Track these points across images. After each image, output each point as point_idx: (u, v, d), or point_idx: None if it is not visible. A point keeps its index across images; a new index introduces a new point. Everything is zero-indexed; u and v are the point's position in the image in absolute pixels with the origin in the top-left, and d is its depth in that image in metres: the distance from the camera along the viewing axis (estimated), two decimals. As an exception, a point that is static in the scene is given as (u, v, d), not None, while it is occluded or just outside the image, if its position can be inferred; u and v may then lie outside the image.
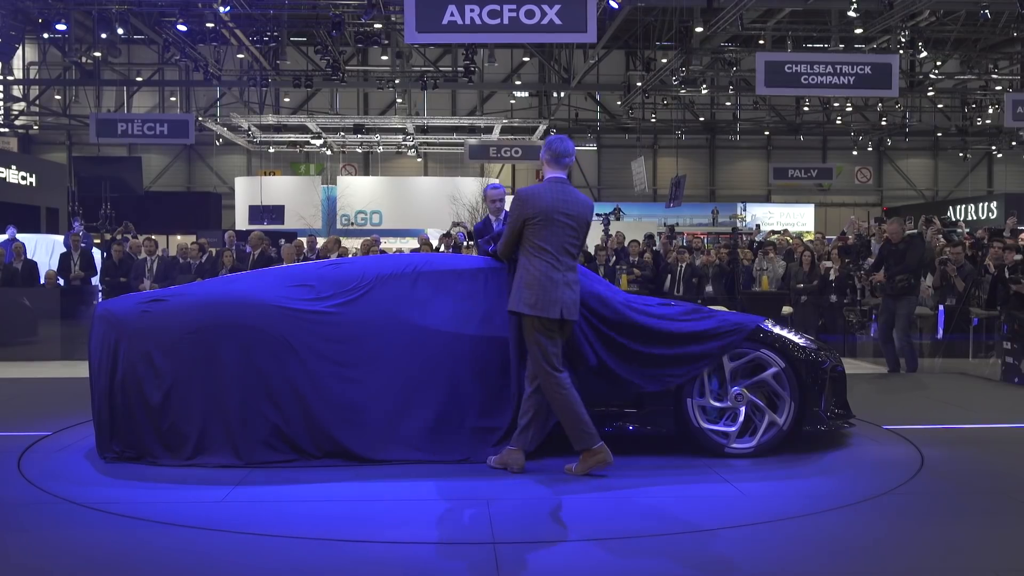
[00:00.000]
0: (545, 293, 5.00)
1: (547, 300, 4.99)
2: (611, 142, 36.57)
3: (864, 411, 6.62)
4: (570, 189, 5.20)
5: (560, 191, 5.14)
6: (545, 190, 5.14)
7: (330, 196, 31.12)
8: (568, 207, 5.11)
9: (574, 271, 5.17)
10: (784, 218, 32.57)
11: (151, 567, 3.69)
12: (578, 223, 5.14)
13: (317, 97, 34.05)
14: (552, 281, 5.01)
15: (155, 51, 29.24)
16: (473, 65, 23.78)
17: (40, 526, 4.23)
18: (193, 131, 21.46)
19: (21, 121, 34.16)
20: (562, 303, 5.01)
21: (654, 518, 4.38)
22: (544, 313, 5.00)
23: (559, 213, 5.08)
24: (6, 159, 24.00)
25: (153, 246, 12.91)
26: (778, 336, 5.73)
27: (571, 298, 5.07)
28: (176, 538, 4.04)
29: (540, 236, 5.07)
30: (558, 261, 5.06)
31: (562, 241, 5.08)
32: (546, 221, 5.06)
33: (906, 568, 3.71)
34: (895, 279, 9.66)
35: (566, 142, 5.30)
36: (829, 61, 15.43)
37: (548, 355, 5.05)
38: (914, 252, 9.78)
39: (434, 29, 10.92)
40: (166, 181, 35.99)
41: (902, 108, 31.78)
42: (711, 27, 20.84)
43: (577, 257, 5.24)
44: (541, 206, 5.08)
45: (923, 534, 4.15)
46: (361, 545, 3.95)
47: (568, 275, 5.09)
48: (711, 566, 3.72)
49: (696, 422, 5.51)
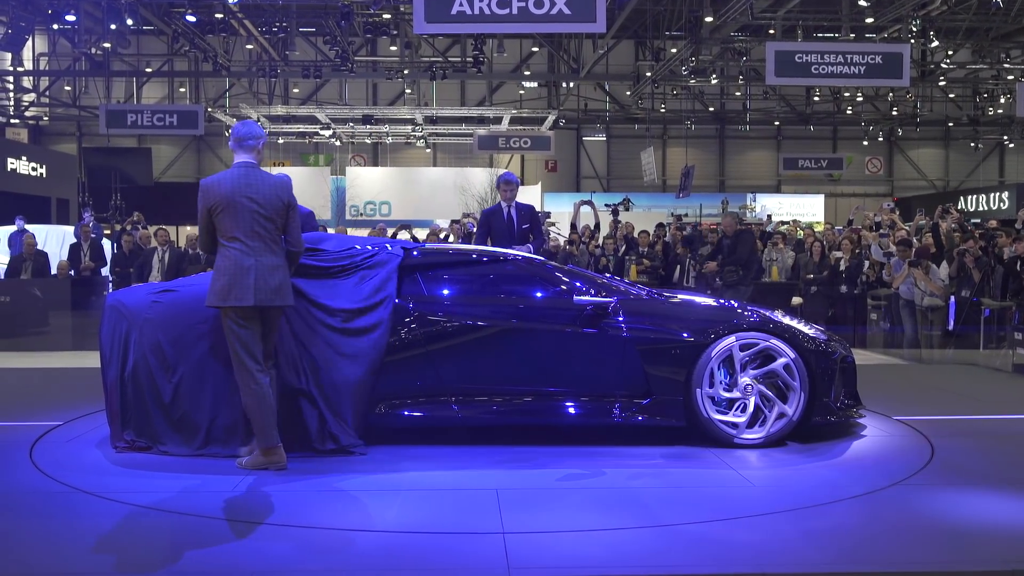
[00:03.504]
0: (235, 281, 4.87)
1: (239, 288, 4.87)
2: (620, 132, 36.46)
3: (875, 402, 6.61)
4: (256, 172, 5.04)
5: (243, 175, 5.00)
6: (226, 176, 5.01)
7: (339, 187, 31.13)
8: (252, 191, 4.96)
9: (277, 255, 4.99)
10: (794, 208, 32.42)
11: (164, 556, 3.71)
12: (266, 206, 4.96)
13: (326, 88, 34.03)
14: (243, 268, 4.88)
15: (164, 42, 29.30)
16: (482, 55, 23.73)
17: (52, 515, 4.26)
18: (203, 122, 21.51)
19: (31, 112, 34.24)
20: (256, 289, 4.87)
21: (663, 508, 4.37)
22: (236, 302, 4.87)
23: (242, 197, 4.93)
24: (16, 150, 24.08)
25: (165, 236, 12.95)
26: (788, 326, 5.72)
27: (270, 283, 4.91)
28: (189, 527, 4.07)
29: (226, 224, 4.94)
30: (247, 247, 4.91)
31: (250, 225, 4.92)
32: (229, 207, 4.92)
33: (915, 559, 3.70)
34: (725, 271, 10.45)
35: (249, 125, 5.16)
36: (840, 51, 15.35)
37: (244, 345, 4.92)
38: (744, 246, 10.49)
39: (443, 19, 10.93)
40: (176, 172, 36.04)
41: (913, 98, 31.58)
42: (721, 16, 20.76)
43: (277, 241, 5.03)
44: (222, 193, 4.94)
45: (933, 525, 4.15)
46: (372, 534, 3.96)
47: (264, 259, 4.92)
48: (720, 556, 3.72)
49: (705, 412, 5.51)
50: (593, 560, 3.67)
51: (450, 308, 5.65)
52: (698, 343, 5.52)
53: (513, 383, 5.58)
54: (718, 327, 5.57)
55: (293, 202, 5.09)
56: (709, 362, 5.50)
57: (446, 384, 5.53)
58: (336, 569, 3.57)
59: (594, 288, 5.77)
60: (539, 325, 5.63)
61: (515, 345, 5.58)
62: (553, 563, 3.63)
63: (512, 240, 7.92)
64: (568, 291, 5.72)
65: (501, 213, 8.06)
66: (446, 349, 5.54)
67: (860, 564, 3.65)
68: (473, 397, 5.56)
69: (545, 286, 5.83)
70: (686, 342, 5.54)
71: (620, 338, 5.55)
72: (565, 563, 3.64)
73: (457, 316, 5.59)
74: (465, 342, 5.57)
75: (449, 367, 5.53)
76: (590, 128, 36.04)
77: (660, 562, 3.65)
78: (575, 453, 5.38)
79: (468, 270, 6.02)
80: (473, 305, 5.69)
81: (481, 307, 5.67)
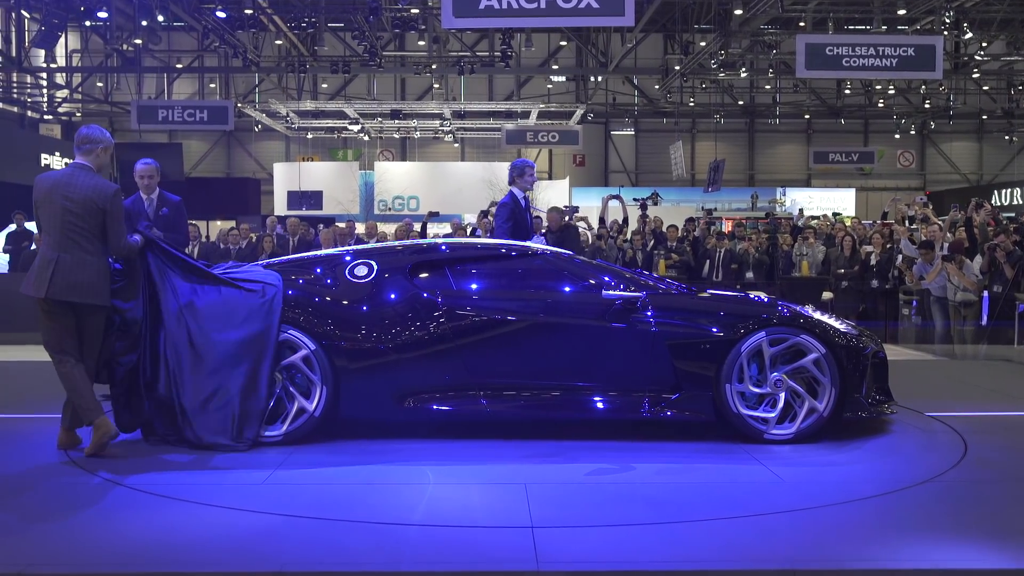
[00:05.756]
0: (38, 273, 5.10)
1: (38, 280, 5.08)
2: (649, 126, 36.33)
3: (906, 398, 6.54)
4: (81, 175, 5.21)
5: (67, 176, 5.22)
6: (52, 175, 5.28)
7: (368, 182, 31.24)
8: (70, 191, 5.13)
9: (88, 254, 5.14)
10: (825, 203, 32.17)
11: (193, 548, 3.74)
12: (82, 206, 5.12)
13: (354, 83, 34.16)
14: (45, 261, 5.09)
15: (195, 38, 29.50)
16: (510, 50, 23.71)
17: (84, 506, 4.31)
18: (232, 117, 21.64)
19: (64, 108, 34.70)
20: (51, 283, 5.05)
21: (693, 504, 4.36)
22: (32, 292, 5.10)
23: (58, 196, 5.13)
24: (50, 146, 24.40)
25: (195, 231, 13.09)
26: (818, 322, 5.67)
27: (69, 279, 5.07)
28: (218, 519, 4.10)
29: (42, 219, 5.19)
30: (54, 242, 5.12)
31: (62, 223, 5.11)
32: (46, 203, 5.15)
33: (946, 556, 3.66)
34: None
35: (92, 129, 5.36)
36: (871, 43, 15.15)
37: (44, 332, 5.17)
38: (570, 243, 10.38)
39: (471, 14, 10.91)
40: (206, 167, 36.35)
41: (946, 90, 31.21)
42: (751, 9, 20.61)
43: (93, 241, 5.16)
44: (43, 189, 5.19)
45: (966, 522, 4.10)
46: (399, 528, 3.97)
47: (67, 256, 5.09)
48: (749, 552, 3.71)
49: (735, 408, 5.48)
50: (621, 555, 3.67)
51: (478, 302, 5.65)
52: (728, 338, 5.49)
53: (541, 377, 5.58)
54: (748, 322, 5.54)
55: (111, 209, 5.18)
56: (739, 357, 5.47)
57: (475, 378, 5.54)
58: (363, 562, 3.59)
59: (623, 283, 5.75)
60: (567, 319, 5.62)
61: (543, 339, 5.58)
62: (582, 557, 3.63)
63: (530, 232, 7.73)
64: (597, 286, 5.71)
65: (520, 204, 7.74)
66: (474, 343, 5.54)
67: (890, 561, 3.61)
68: (502, 391, 5.56)
69: (573, 280, 5.81)
70: (716, 337, 5.52)
71: (649, 333, 5.53)
72: (593, 557, 3.63)
73: (485, 310, 5.60)
74: (493, 336, 5.57)
75: (477, 361, 5.54)
76: (618, 122, 35.94)
77: (688, 557, 3.64)
78: (603, 448, 5.37)
79: (496, 264, 6.03)
80: (501, 299, 5.69)
81: (509, 301, 5.67)
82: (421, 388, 5.53)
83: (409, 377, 5.50)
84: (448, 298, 5.64)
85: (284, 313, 5.44)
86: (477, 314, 5.58)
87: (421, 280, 5.76)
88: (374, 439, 5.54)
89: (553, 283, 5.85)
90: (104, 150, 5.34)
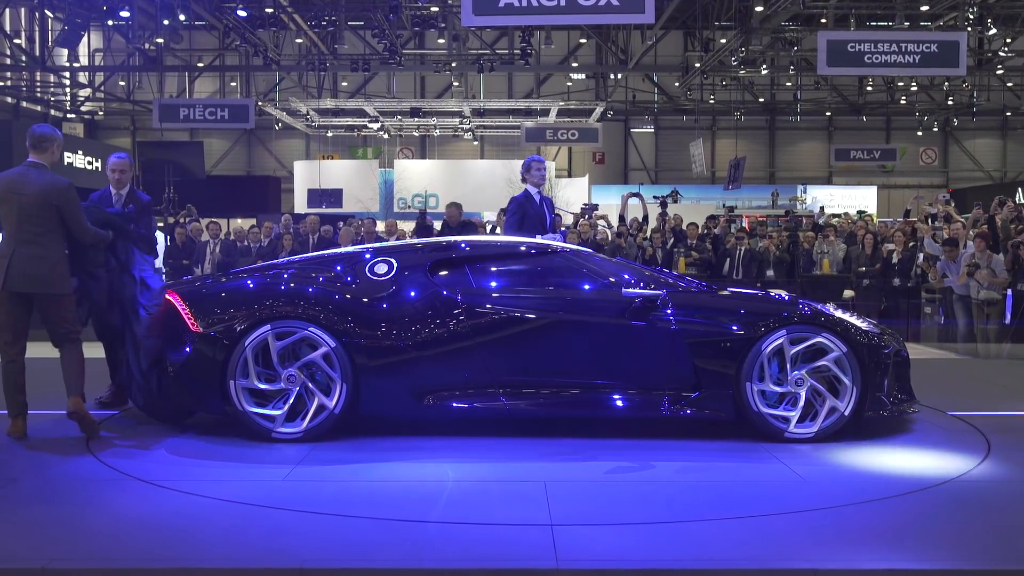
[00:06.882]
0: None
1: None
2: (669, 124, 36.21)
3: (929, 397, 6.49)
4: (35, 172, 5.46)
5: (22, 174, 5.47)
6: (7, 174, 5.53)
7: (387, 179, 31.33)
8: (25, 187, 5.39)
9: (45, 248, 5.38)
10: (846, 200, 31.96)
11: (216, 544, 3.76)
12: (36, 202, 5.37)
13: (374, 81, 34.23)
14: (2, 255, 5.37)
15: (216, 37, 29.66)
16: (530, 47, 23.70)
17: (109, 502, 4.34)
18: (253, 115, 21.77)
19: (87, 107, 34.98)
20: (8, 277, 5.32)
21: (712, 503, 4.35)
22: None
23: (13, 193, 5.40)
24: (73, 144, 24.61)
25: (217, 229, 13.17)
26: (839, 320, 5.64)
27: (26, 271, 5.34)
28: (240, 515, 4.12)
29: (2, 216, 5.48)
30: (10, 237, 5.38)
31: (19, 218, 5.37)
32: (4, 200, 5.42)
33: (968, 556, 3.64)
34: None
35: (43, 128, 5.62)
36: (893, 39, 15.04)
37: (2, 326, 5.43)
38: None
39: (491, 12, 10.91)
40: (227, 165, 36.52)
41: (969, 87, 30.92)
42: (771, 6, 20.50)
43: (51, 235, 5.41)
44: (1, 187, 5.45)
45: (989, 523, 4.07)
46: (419, 525, 3.99)
47: (24, 250, 5.34)
48: (769, 551, 3.69)
49: (756, 407, 5.45)
50: (641, 553, 3.66)
51: (498, 300, 5.65)
52: (748, 336, 5.47)
53: (561, 375, 5.58)
54: (769, 320, 5.51)
55: (64, 203, 5.43)
56: (759, 356, 5.44)
57: (494, 376, 5.54)
58: (383, 559, 3.60)
59: (643, 280, 5.74)
60: (587, 317, 5.62)
61: (563, 337, 5.57)
62: (601, 555, 3.63)
63: (545, 228, 7.75)
64: (617, 283, 5.70)
65: (533, 200, 7.79)
66: (494, 341, 5.55)
67: (911, 560, 3.59)
68: (521, 389, 5.56)
69: (593, 278, 5.81)
70: (736, 335, 5.50)
71: (669, 331, 5.52)
72: (613, 555, 3.63)
73: (505, 308, 5.60)
74: (513, 334, 5.57)
75: (497, 359, 5.54)
76: (638, 120, 35.84)
77: (708, 556, 3.63)
78: (623, 446, 5.36)
79: (516, 262, 6.03)
80: (521, 297, 5.69)
81: (529, 299, 5.67)
82: (441, 386, 5.54)
83: (429, 375, 5.51)
84: (468, 296, 5.64)
85: (305, 310, 5.48)
86: (496, 312, 5.58)
87: (441, 278, 5.77)
88: (394, 436, 5.56)
89: (572, 281, 5.85)
90: (57, 147, 5.64)
